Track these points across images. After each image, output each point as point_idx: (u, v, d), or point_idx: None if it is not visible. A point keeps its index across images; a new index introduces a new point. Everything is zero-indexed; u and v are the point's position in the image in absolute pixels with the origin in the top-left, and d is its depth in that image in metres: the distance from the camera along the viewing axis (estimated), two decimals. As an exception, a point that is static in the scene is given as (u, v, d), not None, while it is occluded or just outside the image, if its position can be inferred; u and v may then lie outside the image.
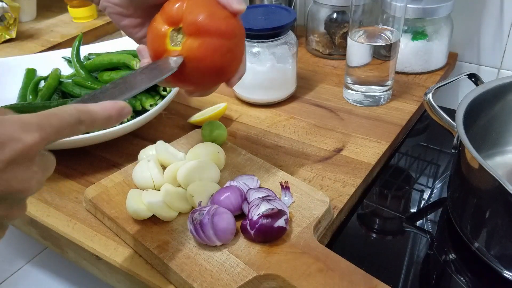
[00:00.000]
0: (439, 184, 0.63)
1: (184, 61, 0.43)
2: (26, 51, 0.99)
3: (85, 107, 0.33)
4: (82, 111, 0.33)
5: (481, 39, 0.88)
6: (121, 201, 0.53)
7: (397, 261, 0.52)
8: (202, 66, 0.43)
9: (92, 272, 0.55)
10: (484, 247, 0.49)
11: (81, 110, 0.33)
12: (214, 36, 0.42)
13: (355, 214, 0.58)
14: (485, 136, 0.58)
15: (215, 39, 0.42)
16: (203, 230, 0.45)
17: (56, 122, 0.31)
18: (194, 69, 0.43)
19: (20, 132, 0.28)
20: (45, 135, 0.30)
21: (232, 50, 0.44)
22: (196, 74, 0.44)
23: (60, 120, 0.31)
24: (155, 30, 0.44)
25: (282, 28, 0.70)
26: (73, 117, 0.32)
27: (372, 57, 0.71)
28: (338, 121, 0.72)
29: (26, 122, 0.29)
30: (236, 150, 0.61)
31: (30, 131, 0.29)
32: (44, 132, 0.30)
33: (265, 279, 0.44)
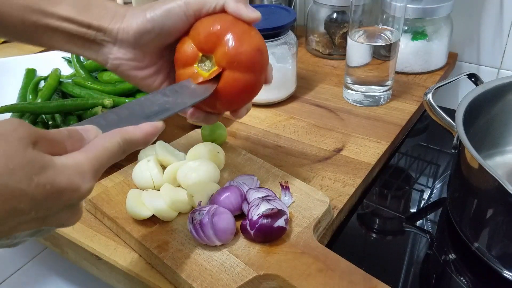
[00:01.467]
0: (439, 184, 0.63)
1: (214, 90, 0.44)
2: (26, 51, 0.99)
3: (130, 137, 0.35)
4: (127, 143, 0.34)
5: (481, 39, 0.88)
6: (121, 201, 0.53)
7: (397, 261, 0.52)
8: (228, 98, 0.45)
9: (92, 272, 0.55)
10: (484, 247, 0.49)
11: (126, 141, 0.34)
12: (246, 72, 0.43)
13: (355, 214, 0.58)
14: (485, 136, 0.59)
15: (247, 75, 0.43)
16: (203, 230, 0.45)
17: (106, 161, 0.33)
18: (219, 98, 0.44)
19: (79, 182, 0.30)
20: (98, 176, 0.32)
21: (260, 83, 0.46)
22: (218, 103, 0.45)
23: (109, 158, 0.33)
24: (184, 53, 0.44)
25: (282, 28, 0.70)
26: (120, 150, 0.34)
27: (372, 57, 0.71)
28: (338, 121, 0.72)
29: (84, 171, 0.31)
30: (236, 150, 0.61)
31: (88, 181, 0.31)
32: (98, 176, 0.32)
33: (265, 279, 0.44)
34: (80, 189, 0.30)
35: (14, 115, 0.69)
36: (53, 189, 0.28)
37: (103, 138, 0.33)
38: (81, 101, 0.66)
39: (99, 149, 0.32)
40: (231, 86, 0.44)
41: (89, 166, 0.31)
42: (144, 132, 0.36)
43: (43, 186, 0.28)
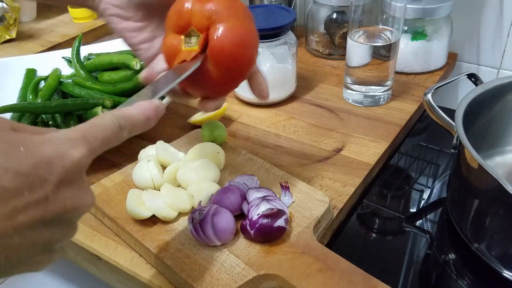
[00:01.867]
0: (438, 184, 0.63)
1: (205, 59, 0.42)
2: (26, 51, 0.99)
3: (122, 112, 0.32)
4: (120, 117, 0.32)
5: (481, 39, 0.89)
6: (121, 201, 0.53)
7: (397, 261, 0.52)
8: (224, 54, 0.41)
9: (92, 272, 0.55)
10: (483, 247, 0.49)
11: (120, 116, 0.32)
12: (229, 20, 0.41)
13: (355, 214, 0.59)
14: (485, 136, 0.59)
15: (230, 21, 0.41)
16: (203, 230, 0.45)
17: (99, 132, 0.30)
18: (215, 62, 0.42)
19: (66, 148, 0.27)
20: (91, 147, 0.29)
21: (250, 31, 0.43)
22: (218, 67, 0.42)
23: (102, 129, 0.30)
24: (168, 45, 0.43)
25: (282, 28, 0.70)
26: (114, 124, 0.31)
27: (372, 57, 0.71)
28: (338, 121, 0.72)
29: (70, 137, 0.28)
30: (236, 150, 0.61)
31: (77, 146, 0.28)
32: (90, 144, 0.29)
33: (264, 279, 0.44)
34: (69, 155, 0.27)
35: (14, 115, 0.69)
36: (36, 158, 0.25)
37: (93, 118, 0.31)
38: (81, 101, 0.66)
39: (88, 123, 0.30)
40: (206, 73, 0.42)
41: (76, 133, 0.28)
42: (139, 106, 0.33)
43: (24, 157, 0.25)
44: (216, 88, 0.44)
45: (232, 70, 0.43)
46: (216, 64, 0.42)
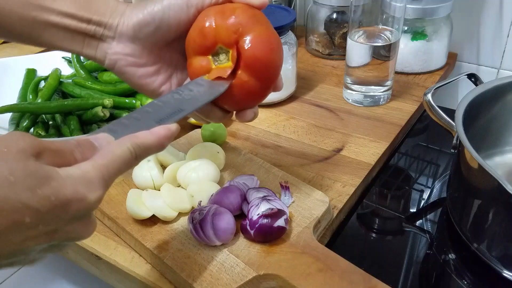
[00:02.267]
0: (438, 184, 0.63)
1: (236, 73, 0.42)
2: (26, 51, 0.99)
3: (141, 141, 0.33)
4: (138, 146, 0.33)
5: (481, 39, 0.89)
6: (121, 201, 0.53)
7: (397, 261, 0.52)
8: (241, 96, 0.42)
9: (92, 272, 0.55)
10: (483, 247, 0.49)
11: (137, 145, 0.32)
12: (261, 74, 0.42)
13: (355, 214, 0.59)
14: (485, 136, 0.59)
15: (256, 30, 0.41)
16: (203, 230, 0.45)
17: (117, 169, 0.31)
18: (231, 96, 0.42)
19: (85, 191, 0.28)
20: (108, 186, 0.31)
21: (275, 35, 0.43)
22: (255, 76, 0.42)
23: (120, 166, 0.31)
24: (197, 68, 0.42)
25: (282, 28, 0.70)
26: (132, 156, 0.32)
27: (372, 57, 0.71)
28: (338, 121, 0.72)
29: (91, 180, 0.29)
30: (236, 150, 0.61)
31: (95, 190, 0.29)
32: (107, 186, 0.31)
33: (264, 279, 0.44)
34: (86, 199, 0.29)
35: (15, 115, 0.69)
36: (57, 201, 0.27)
37: (113, 146, 0.32)
38: (81, 101, 0.66)
39: (107, 157, 0.31)
40: (244, 85, 0.42)
41: (96, 174, 0.30)
42: (157, 135, 0.34)
43: (47, 198, 0.27)
44: (255, 97, 0.44)
45: (268, 75, 0.42)
46: (252, 74, 0.41)
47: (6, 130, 0.67)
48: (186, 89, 0.41)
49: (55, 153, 0.29)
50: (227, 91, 0.42)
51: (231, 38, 0.41)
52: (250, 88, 0.42)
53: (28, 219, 0.26)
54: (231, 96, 0.42)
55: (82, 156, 0.31)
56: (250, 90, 0.42)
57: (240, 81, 0.42)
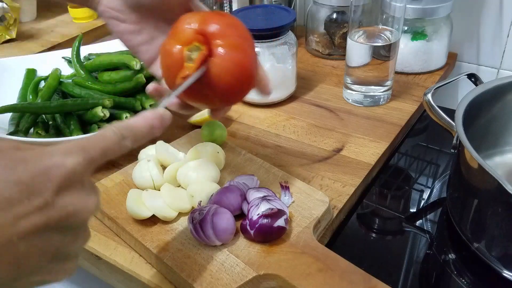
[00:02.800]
0: (438, 184, 0.63)
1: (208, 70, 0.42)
2: (26, 51, 0.99)
3: (125, 122, 0.33)
4: (122, 127, 0.33)
5: (481, 39, 0.89)
6: (121, 201, 0.53)
7: (397, 261, 0.52)
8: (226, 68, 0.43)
9: (92, 272, 0.55)
10: (483, 247, 0.49)
11: (122, 126, 0.33)
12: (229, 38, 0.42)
13: (355, 214, 0.59)
14: (485, 136, 0.59)
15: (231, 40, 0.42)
16: (203, 230, 0.46)
17: (99, 142, 0.31)
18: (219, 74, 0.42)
19: (62, 157, 0.28)
20: (89, 156, 0.30)
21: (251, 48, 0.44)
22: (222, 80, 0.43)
23: (102, 139, 0.31)
24: (168, 52, 0.44)
25: (282, 28, 0.70)
26: (116, 134, 0.32)
27: (372, 57, 0.71)
28: (338, 121, 0.72)
29: (68, 148, 0.29)
30: (236, 150, 0.61)
31: (72, 155, 0.29)
32: (87, 153, 0.30)
33: (264, 279, 0.44)
34: (64, 164, 0.28)
35: (14, 115, 0.69)
36: (34, 168, 0.27)
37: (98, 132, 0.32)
38: (81, 101, 0.66)
39: (89, 136, 0.31)
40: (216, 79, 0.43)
41: (73, 144, 0.29)
42: (143, 116, 0.35)
43: (22, 169, 0.26)
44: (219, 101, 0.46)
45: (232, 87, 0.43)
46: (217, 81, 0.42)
47: (6, 130, 0.67)
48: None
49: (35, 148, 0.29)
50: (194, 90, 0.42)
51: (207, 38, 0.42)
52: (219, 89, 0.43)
53: (8, 193, 0.25)
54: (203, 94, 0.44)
55: None
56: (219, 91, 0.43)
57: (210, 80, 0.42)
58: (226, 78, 0.43)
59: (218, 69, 0.42)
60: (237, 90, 0.45)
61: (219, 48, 0.42)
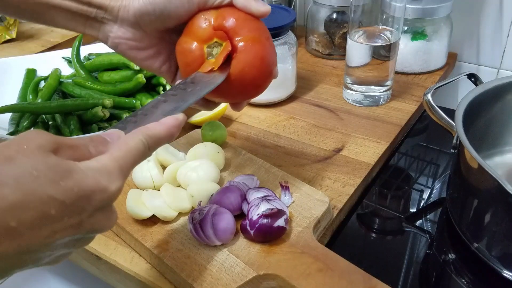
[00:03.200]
0: (438, 184, 0.63)
1: (232, 66, 0.43)
2: (26, 51, 0.99)
3: (152, 132, 0.34)
4: (149, 137, 0.34)
5: (481, 39, 0.89)
6: (121, 201, 0.53)
7: (397, 261, 0.52)
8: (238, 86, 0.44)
9: (92, 272, 0.55)
10: (483, 247, 0.49)
11: (149, 136, 0.34)
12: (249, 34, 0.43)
13: (355, 214, 0.59)
14: (485, 136, 0.59)
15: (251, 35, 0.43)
16: (203, 230, 0.46)
17: (132, 160, 0.32)
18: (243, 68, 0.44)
19: (106, 182, 0.30)
20: (126, 176, 0.32)
21: (269, 39, 0.45)
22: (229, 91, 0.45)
23: (134, 157, 0.33)
24: (187, 51, 0.44)
25: (282, 28, 0.70)
26: (145, 147, 0.33)
27: (372, 57, 0.71)
28: (338, 121, 0.72)
29: (110, 171, 0.30)
30: (236, 150, 0.61)
31: (115, 181, 0.30)
32: (125, 176, 0.32)
33: (264, 279, 0.44)
34: (108, 189, 0.30)
35: (14, 115, 0.69)
36: (81, 192, 0.28)
37: (126, 139, 0.33)
38: (81, 101, 0.66)
39: (122, 149, 0.32)
40: (240, 75, 0.44)
41: (114, 166, 0.31)
42: (166, 125, 0.36)
43: (70, 190, 0.27)
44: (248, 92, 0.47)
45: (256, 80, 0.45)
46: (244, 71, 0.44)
47: (6, 130, 0.67)
48: (186, 84, 0.43)
49: (70, 148, 0.30)
50: (223, 85, 0.43)
51: (228, 33, 0.43)
52: (243, 84, 0.44)
53: (54, 211, 0.27)
54: (227, 90, 0.44)
55: (96, 150, 0.31)
56: (228, 91, 0.44)
57: (234, 76, 0.44)
58: (251, 72, 0.44)
59: (242, 64, 0.43)
60: (261, 82, 0.46)
61: (241, 42, 0.43)
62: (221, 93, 0.45)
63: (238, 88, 0.45)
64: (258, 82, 0.45)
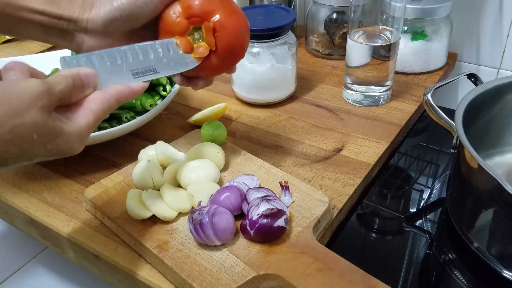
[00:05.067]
0: (438, 184, 0.63)
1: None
2: (26, 51, 0.99)
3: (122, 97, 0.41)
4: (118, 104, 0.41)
5: (481, 39, 0.89)
6: (121, 201, 0.53)
7: (397, 261, 0.52)
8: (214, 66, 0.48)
9: (92, 272, 0.55)
10: (483, 247, 0.49)
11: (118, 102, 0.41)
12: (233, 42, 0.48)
13: (355, 214, 0.59)
14: (484, 136, 0.59)
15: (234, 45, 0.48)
16: (203, 230, 0.46)
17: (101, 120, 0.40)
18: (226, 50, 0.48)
19: (77, 146, 0.38)
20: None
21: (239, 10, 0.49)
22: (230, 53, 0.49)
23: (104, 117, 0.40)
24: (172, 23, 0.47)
25: (282, 28, 0.70)
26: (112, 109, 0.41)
27: (372, 57, 0.71)
28: (338, 121, 0.72)
29: (83, 138, 0.39)
30: (236, 150, 0.61)
31: (82, 145, 0.39)
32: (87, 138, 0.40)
33: (264, 279, 0.44)
34: (76, 151, 0.38)
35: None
36: (56, 152, 0.37)
37: (101, 102, 0.39)
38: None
39: (98, 114, 0.39)
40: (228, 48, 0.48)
41: (87, 132, 0.38)
42: (134, 91, 0.42)
43: (50, 150, 0.36)
44: (217, 71, 0.51)
45: (235, 53, 0.49)
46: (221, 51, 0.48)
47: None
48: (164, 47, 0.46)
49: (60, 100, 0.37)
50: (209, 61, 0.48)
51: (200, 16, 0.46)
52: (212, 64, 0.48)
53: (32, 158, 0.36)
54: (215, 64, 0.49)
55: (75, 96, 0.38)
56: (212, 66, 0.49)
57: (222, 51, 0.48)
58: (237, 42, 0.48)
59: (227, 38, 0.47)
60: (245, 46, 0.50)
61: (216, 19, 0.46)
62: (207, 68, 0.49)
63: (226, 60, 0.49)
64: (244, 47, 0.50)
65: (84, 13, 0.45)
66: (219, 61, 0.48)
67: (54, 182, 0.61)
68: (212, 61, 0.48)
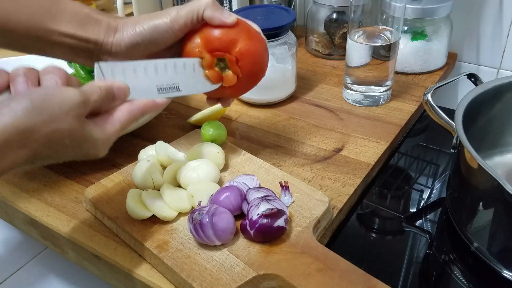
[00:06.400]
0: (438, 184, 0.63)
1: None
2: (26, 51, 0.99)
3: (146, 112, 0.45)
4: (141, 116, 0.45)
5: (481, 39, 0.89)
6: (121, 201, 0.53)
7: (397, 261, 0.52)
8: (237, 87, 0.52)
9: (92, 272, 0.55)
10: (483, 247, 0.49)
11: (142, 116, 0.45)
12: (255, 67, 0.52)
13: (355, 214, 0.59)
14: (484, 136, 0.59)
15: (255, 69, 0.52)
16: (203, 230, 0.46)
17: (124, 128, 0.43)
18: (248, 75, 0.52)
19: (101, 152, 0.42)
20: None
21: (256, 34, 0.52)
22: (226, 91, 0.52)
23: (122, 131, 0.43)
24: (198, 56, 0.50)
25: (282, 28, 0.70)
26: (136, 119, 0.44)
27: (372, 57, 0.71)
28: (338, 121, 0.72)
29: (108, 144, 0.42)
30: (236, 150, 0.61)
31: (106, 151, 0.42)
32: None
33: (264, 279, 0.44)
34: (101, 155, 0.42)
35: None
36: (82, 155, 0.40)
37: (129, 113, 0.43)
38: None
39: (124, 124, 0.43)
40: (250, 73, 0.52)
41: (112, 140, 0.42)
42: (158, 106, 0.45)
43: (78, 153, 0.40)
44: (239, 93, 0.55)
45: (256, 77, 0.53)
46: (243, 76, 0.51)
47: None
48: (188, 66, 0.49)
49: (93, 109, 0.41)
50: (234, 85, 0.51)
51: (224, 50, 0.49)
52: (238, 87, 0.52)
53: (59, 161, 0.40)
54: (220, 90, 0.52)
55: (106, 106, 0.42)
56: (238, 88, 0.53)
57: (245, 77, 0.51)
58: (256, 67, 0.52)
59: (248, 66, 0.50)
60: (265, 68, 0.53)
61: (237, 50, 0.49)
62: (231, 90, 0.52)
63: (249, 82, 0.53)
64: (264, 68, 0.53)
65: (109, 37, 0.48)
66: (243, 83, 0.52)
67: (54, 182, 0.61)
68: (236, 84, 0.51)
